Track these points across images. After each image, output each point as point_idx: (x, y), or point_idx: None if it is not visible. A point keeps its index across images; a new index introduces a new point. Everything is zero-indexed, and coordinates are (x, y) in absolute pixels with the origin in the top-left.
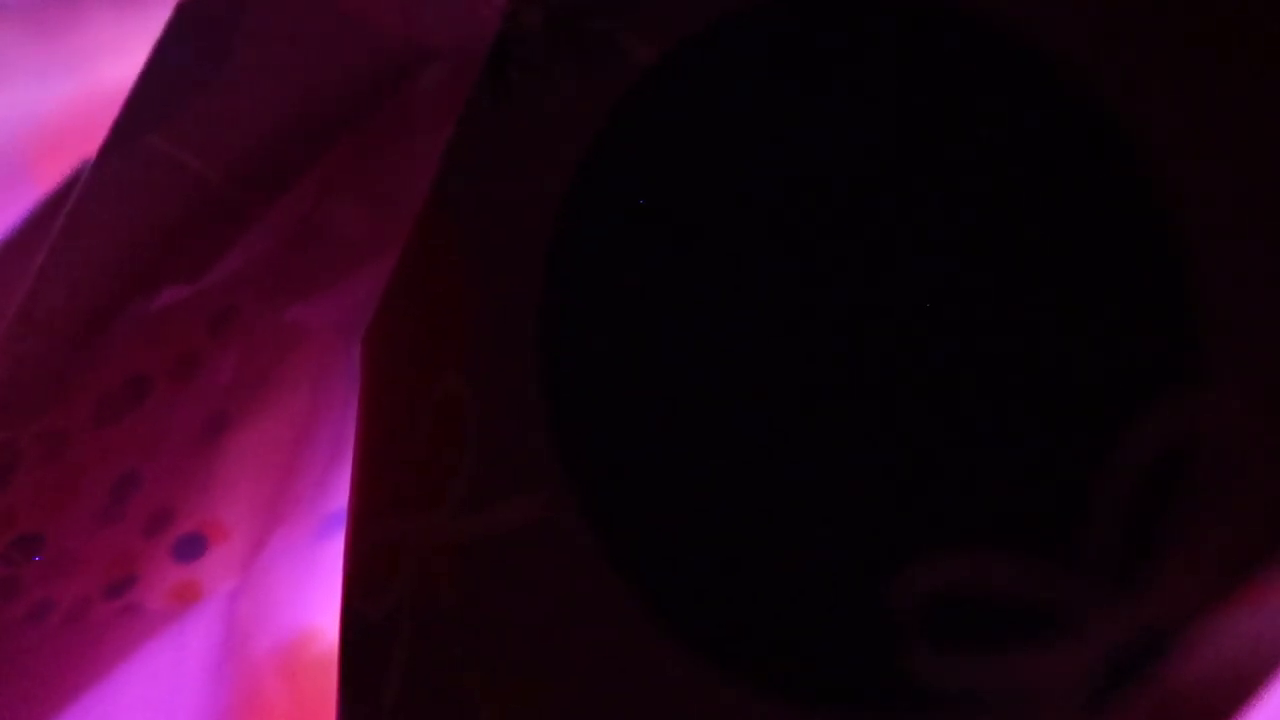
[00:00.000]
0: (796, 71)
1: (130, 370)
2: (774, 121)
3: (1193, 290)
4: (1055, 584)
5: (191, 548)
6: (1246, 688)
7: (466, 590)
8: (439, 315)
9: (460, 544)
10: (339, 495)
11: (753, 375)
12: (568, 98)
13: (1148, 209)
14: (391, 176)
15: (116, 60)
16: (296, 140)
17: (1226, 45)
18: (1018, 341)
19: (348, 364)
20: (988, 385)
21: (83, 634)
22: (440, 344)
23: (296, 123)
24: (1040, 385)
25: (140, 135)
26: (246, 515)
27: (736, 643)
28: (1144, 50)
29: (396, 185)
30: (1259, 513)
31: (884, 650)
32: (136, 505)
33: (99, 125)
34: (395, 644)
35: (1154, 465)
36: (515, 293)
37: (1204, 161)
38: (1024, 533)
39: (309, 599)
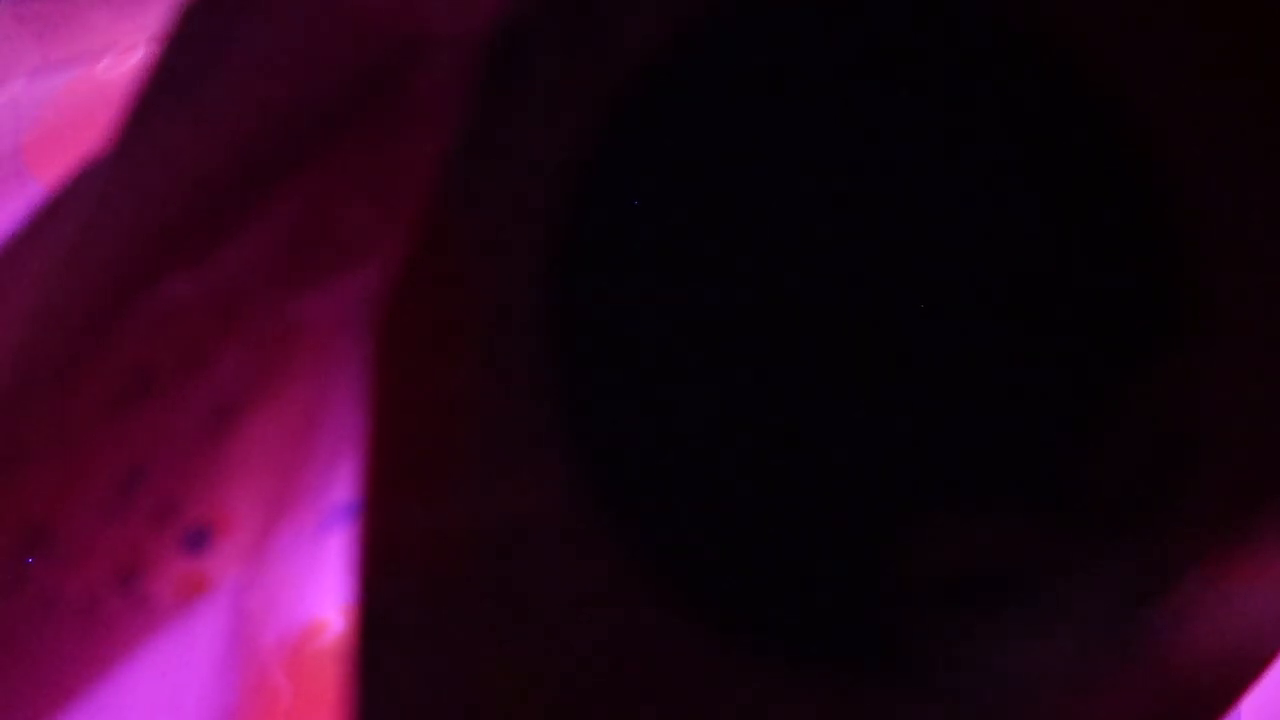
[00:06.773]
0: (798, 59)
1: (137, 362)
2: (776, 106)
3: (1196, 258)
4: (1056, 550)
5: (198, 539)
6: (1246, 666)
7: (480, 574)
8: (451, 306)
9: (474, 530)
10: (344, 486)
11: (759, 356)
12: (571, 87)
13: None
14: (394, 168)
15: (114, 58)
16: (299, 134)
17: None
18: (1025, 308)
19: (353, 355)
20: (995, 350)
21: (92, 625)
22: (453, 334)
23: (299, 116)
24: (1046, 350)
25: (144, 131)
26: (252, 507)
27: (746, 618)
28: (1141, 36)
29: (399, 177)
30: (1259, 476)
31: (893, 619)
32: (143, 496)
33: (98, 122)
34: (410, 628)
35: (1157, 430)
36: (524, 282)
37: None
38: (1027, 498)
39: (315, 590)
